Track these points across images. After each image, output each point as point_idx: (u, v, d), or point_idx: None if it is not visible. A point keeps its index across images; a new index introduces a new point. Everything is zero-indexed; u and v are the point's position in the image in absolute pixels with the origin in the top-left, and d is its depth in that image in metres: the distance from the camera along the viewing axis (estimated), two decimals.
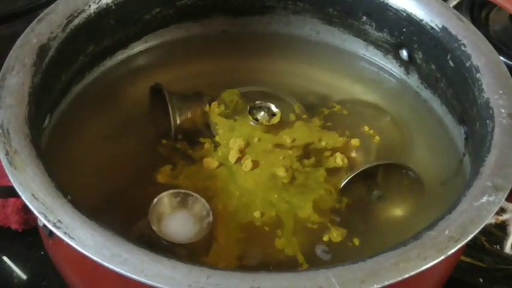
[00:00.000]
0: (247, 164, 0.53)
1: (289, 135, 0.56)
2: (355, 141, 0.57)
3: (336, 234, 0.51)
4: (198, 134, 0.57)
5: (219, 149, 0.55)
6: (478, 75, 0.53)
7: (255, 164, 0.54)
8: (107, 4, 0.57)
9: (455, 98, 0.57)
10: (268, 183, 0.53)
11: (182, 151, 0.55)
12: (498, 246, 0.60)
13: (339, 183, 0.54)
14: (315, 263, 0.49)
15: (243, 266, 0.49)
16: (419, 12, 0.59)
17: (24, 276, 0.60)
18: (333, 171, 0.55)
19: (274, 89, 0.61)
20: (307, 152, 0.56)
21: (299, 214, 0.52)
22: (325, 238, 0.51)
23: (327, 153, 0.56)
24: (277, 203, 0.52)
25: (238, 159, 0.54)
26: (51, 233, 0.41)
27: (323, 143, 0.56)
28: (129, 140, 0.57)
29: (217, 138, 0.56)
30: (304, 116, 0.58)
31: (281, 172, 0.53)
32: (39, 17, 0.53)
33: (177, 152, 0.55)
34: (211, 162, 0.54)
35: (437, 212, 0.44)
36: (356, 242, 0.50)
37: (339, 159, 0.55)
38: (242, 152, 0.55)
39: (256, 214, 0.51)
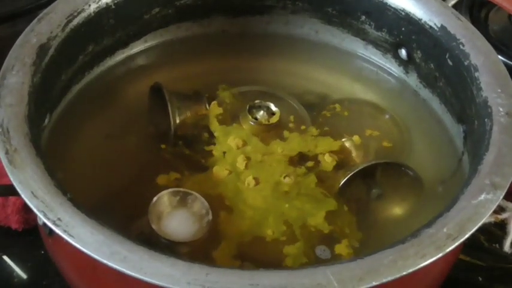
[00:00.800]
0: (250, 181, 0.53)
1: (281, 147, 0.56)
2: (356, 138, 0.57)
3: (344, 248, 0.50)
4: (197, 135, 0.57)
5: (225, 157, 0.55)
6: (476, 74, 0.53)
7: (257, 180, 0.53)
8: (107, 4, 0.57)
9: (454, 96, 0.57)
10: (275, 194, 0.53)
11: (186, 157, 0.55)
12: (497, 245, 0.60)
13: (334, 185, 0.53)
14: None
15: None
16: (418, 12, 0.59)
17: (24, 276, 0.60)
18: (327, 176, 0.55)
19: (273, 89, 0.61)
20: (299, 160, 0.56)
21: (309, 221, 0.51)
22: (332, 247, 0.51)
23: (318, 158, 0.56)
24: (288, 212, 0.52)
25: (246, 166, 0.54)
26: (51, 231, 0.42)
27: (318, 149, 0.56)
28: (128, 139, 0.57)
29: (218, 148, 0.56)
30: (303, 127, 0.58)
31: (286, 179, 0.53)
32: (39, 17, 0.53)
33: (180, 157, 0.55)
34: (220, 171, 0.54)
35: (435, 210, 0.44)
36: None
37: (327, 157, 0.55)
38: (247, 158, 0.55)
39: (269, 232, 0.50)
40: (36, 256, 0.60)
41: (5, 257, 0.61)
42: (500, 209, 0.54)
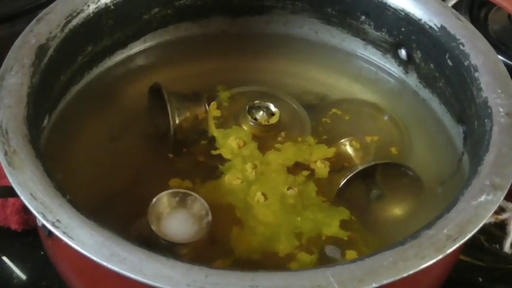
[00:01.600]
0: (259, 197, 0.53)
1: (277, 156, 0.56)
2: (355, 144, 0.57)
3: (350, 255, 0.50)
4: (197, 138, 0.57)
5: (234, 161, 0.55)
6: (476, 75, 0.53)
7: (265, 196, 0.53)
8: (106, 4, 0.57)
9: (454, 97, 0.57)
10: (284, 208, 0.52)
11: (196, 163, 0.55)
12: (497, 246, 0.60)
13: (333, 190, 0.53)
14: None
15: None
16: (417, 12, 0.59)
17: (23, 277, 0.59)
18: (325, 182, 0.54)
19: (273, 89, 0.61)
20: (294, 169, 0.55)
21: (324, 231, 0.51)
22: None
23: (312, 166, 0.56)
24: (301, 224, 0.51)
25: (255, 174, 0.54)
26: (50, 232, 0.41)
27: (313, 157, 0.56)
28: (128, 140, 0.57)
29: (224, 150, 0.55)
30: (300, 139, 0.57)
31: (289, 190, 0.53)
32: (37, 17, 0.53)
33: (190, 165, 0.55)
34: (232, 180, 0.54)
35: (435, 210, 0.44)
36: None
37: (319, 164, 0.55)
38: (254, 165, 0.54)
39: (281, 247, 0.50)
40: (35, 257, 0.60)
41: (5, 258, 0.60)
42: (500, 210, 0.53)
